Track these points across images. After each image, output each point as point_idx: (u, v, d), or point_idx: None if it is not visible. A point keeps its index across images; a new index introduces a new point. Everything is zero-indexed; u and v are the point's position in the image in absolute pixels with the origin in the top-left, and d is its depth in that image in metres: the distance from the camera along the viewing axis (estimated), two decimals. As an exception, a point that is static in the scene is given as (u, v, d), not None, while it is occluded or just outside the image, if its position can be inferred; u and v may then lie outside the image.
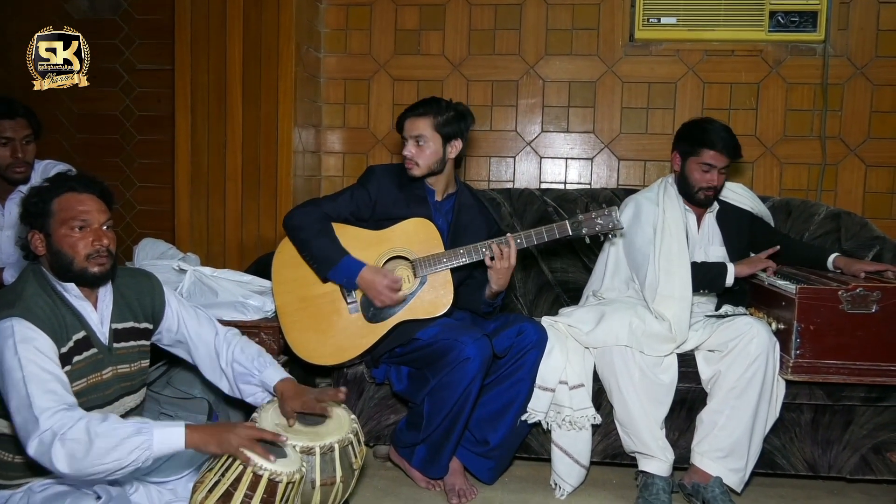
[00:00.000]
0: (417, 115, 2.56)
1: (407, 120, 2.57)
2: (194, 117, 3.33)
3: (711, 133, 2.66)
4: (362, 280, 2.46)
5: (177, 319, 2.11)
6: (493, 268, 2.47)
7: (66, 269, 1.83)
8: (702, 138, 2.67)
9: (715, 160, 2.65)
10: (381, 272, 2.47)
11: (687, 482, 2.46)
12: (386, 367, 2.60)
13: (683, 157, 2.72)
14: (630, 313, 2.52)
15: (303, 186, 3.44)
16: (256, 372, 2.11)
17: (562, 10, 3.50)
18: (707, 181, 2.67)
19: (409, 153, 2.55)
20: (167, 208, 3.68)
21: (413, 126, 2.55)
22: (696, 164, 2.68)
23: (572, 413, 2.47)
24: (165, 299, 2.09)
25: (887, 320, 2.31)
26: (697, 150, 2.67)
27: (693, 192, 2.70)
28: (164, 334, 2.12)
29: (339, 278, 2.49)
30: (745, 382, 2.37)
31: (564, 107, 3.54)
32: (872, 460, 2.52)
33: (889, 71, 3.34)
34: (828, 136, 3.39)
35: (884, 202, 3.40)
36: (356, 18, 3.62)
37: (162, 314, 2.09)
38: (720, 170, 2.67)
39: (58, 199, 1.85)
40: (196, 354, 2.15)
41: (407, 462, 2.55)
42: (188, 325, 2.13)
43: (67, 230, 1.83)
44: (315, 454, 1.91)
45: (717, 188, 2.71)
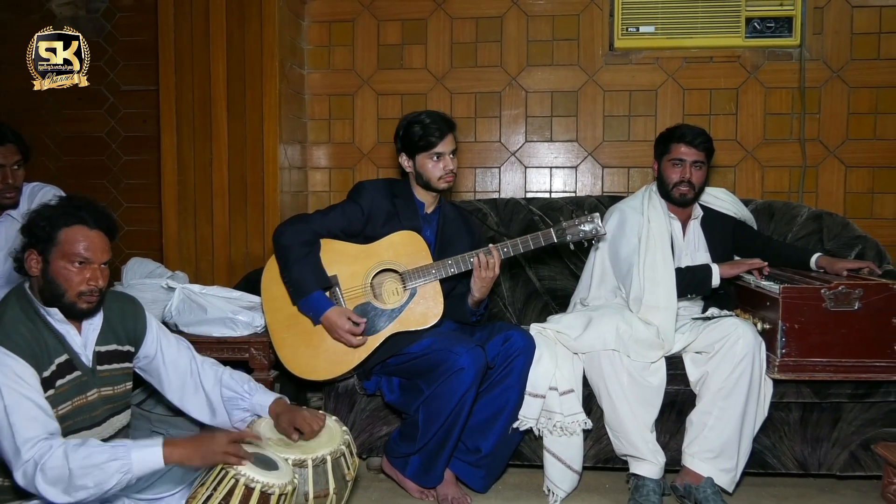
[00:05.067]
0: (452, 130, 2.60)
1: (447, 137, 2.58)
2: (180, 136, 3.35)
3: (679, 129, 2.75)
4: (326, 320, 2.48)
5: (156, 345, 2.11)
6: (477, 277, 2.50)
7: (56, 298, 1.83)
8: (670, 135, 2.75)
9: (685, 154, 2.70)
10: (344, 315, 2.48)
11: (679, 484, 2.47)
12: (377, 379, 2.61)
13: (659, 159, 2.79)
14: (617, 318, 2.54)
15: (290, 202, 3.46)
16: (247, 395, 2.12)
17: (542, 22, 3.55)
18: (680, 175, 2.71)
19: (453, 167, 2.60)
20: (155, 228, 3.69)
21: (450, 141, 2.59)
22: (668, 162, 2.73)
23: (563, 419, 2.49)
24: (147, 324, 2.10)
25: (870, 317, 2.35)
26: (668, 147, 2.74)
27: (669, 191, 2.74)
28: (141, 360, 2.12)
29: (306, 310, 2.52)
30: (732, 383, 2.40)
31: (547, 117, 3.58)
32: (862, 457, 2.55)
33: (864, 73, 3.41)
34: (807, 138, 3.44)
35: (864, 202, 3.45)
36: (339, 35, 3.66)
37: (143, 339, 2.09)
38: (692, 163, 2.70)
39: (66, 229, 1.83)
40: (167, 381, 2.14)
41: (400, 472, 2.55)
42: (165, 351, 2.12)
43: (67, 263, 1.82)
44: (308, 467, 1.92)
45: (692, 184, 2.72)
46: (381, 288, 2.60)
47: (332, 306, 2.49)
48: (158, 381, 2.16)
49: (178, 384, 2.14)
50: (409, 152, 2.62)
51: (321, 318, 2.49)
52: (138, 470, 1.67)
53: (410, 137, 2.58)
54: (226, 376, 2.15)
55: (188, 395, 2.15)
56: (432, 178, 2.58)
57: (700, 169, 2.73)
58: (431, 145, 2.56)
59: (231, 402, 2.14)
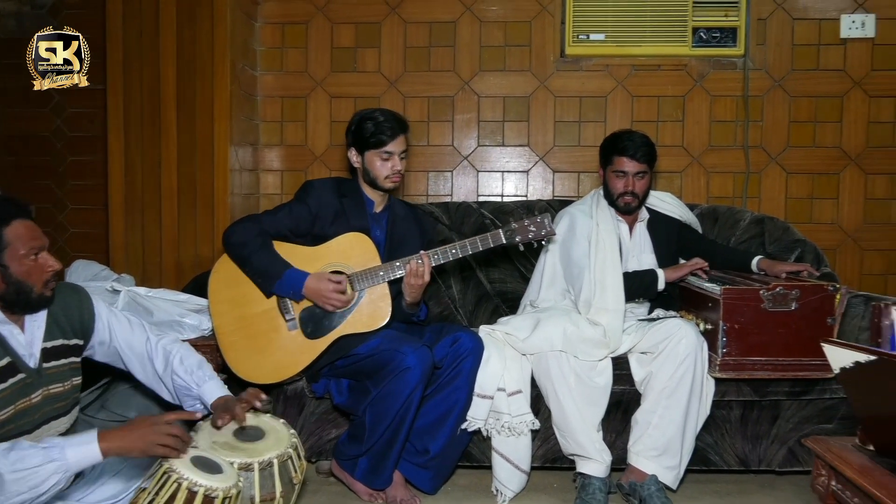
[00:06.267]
0: (404, 131, 2.61)
1: (398, 137, 2.59)
2: (128, 137, 3.29)
3: (621, 141, 2.78)
4: (308, 289, 2.47)
5: (108, 331, 2.06)
6: (406, 283, 2.52)
7: (25, 298, 1.80)
8: (613, 147, 2.80)
9: (627, 166, 2.75)
10: (324, 278, 2.48)
11: (624, 482, 2.51)
12: (326, 381, 2.60)
13: (604, 168, 2.85)
14: (565, 320, 2.58)
15: (241, 205, 3.42)
16: (195, 386, 2.08)
17: (494, 28, 3.59)
18: (623, 186, 2.76)
19: (400, 168, 2.60)
20: (101, 230, 3.62)
21: (402, 142, 2.60)
22: (612, 173, 2.79)
23: (511, 419, 2.51)
24: (95, 312, 2.04)
25: (806, 317, 2.42)
26: (611, 159, 2.79)
27: (614, 200, 2.80)
28: (97, 348, 2.07)
29: (284, 291, 2.50)
30: (675, 382, 2.45)
31: (499, 121, 3.62)
32: (799, 452, 2.62)
33: (804, 83, 3.52)
34: (750, 145, 3.54)
35: (804, 207, 3.56)
36: (292, 37, 3.64)
37: (92, 328, 2.04)
38: (634, 175, 2.76)
39: (7, 228, 1.79)
40: (130, 364, 2.11)
41: (350, 475, 2.54)
42: (119, 335, 2.08)
43: (27, 259, 1.79)
44: (254, 470, 1.90)
45: (636, 194, 2.78)
46: (330, 290, 2.60)
47: (309, 275, 2.48)
48: (124, 365, 2.12)
49: (139, 367, 2.11)
50: (359, 147, 2.62)
51: (303, 290, 2.48)
52: (76, 468, 1.63)
53: (362, 133, 2.59)
54: (176, 363, 2.09)
55: (151, 378, 2.11)
56: (379, 176, 2.59)
57: (643, 178, 2.79)
58: (382, 143, 2.57)
59: (182, 391, 2.10)
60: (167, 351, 2.11)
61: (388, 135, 2.56)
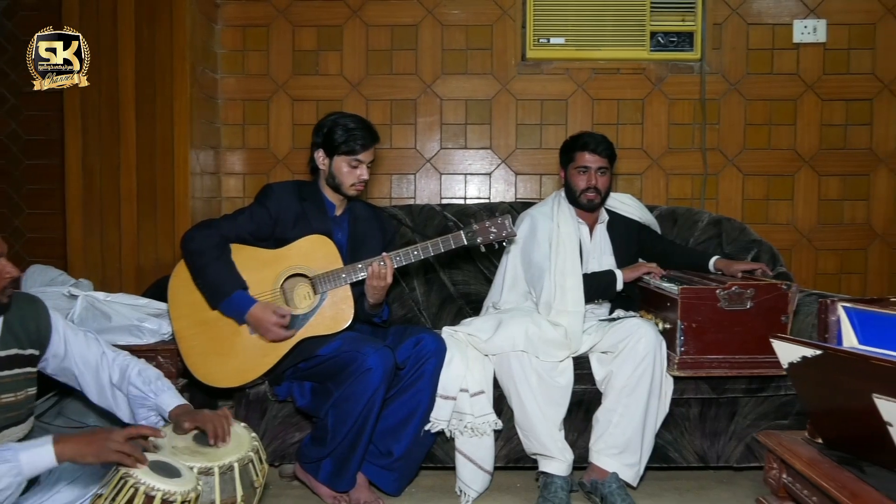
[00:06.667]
0: (376, 142, 2.62)
1: (370, 148, 2.60)
2: (86, 140, 3.25)
3: (581, 137, 2.85)
4: (251, 317, 2.46)
5: (63, 344, 2.03)
6: (368, 284, 2.53)
7: None
8: (574, 144, 2.86)
9: (589, 161, 2.80)
10: (269, 309, 2.46)
11: (586, 480, 2.54)
12: (289, 384, 2.59)
13: (565, 167, 2.88)
14: (527, 320, 2.60)
15: (202, 208, 3.39)
16: (152, 395, 2.06)
17: (456, 31, 3.61)
18: (586, 182, 2.81)
19: (366, 177, 2.61)
20: (58, 235, 3.55)
21: (371, 153, 2.61)
22: (574, 170, 2.83)
23: (474, 420, 2.53)
24: (52, 324, 2.02)
25: (761, 315, 2.48)
26: (573, 156, 2.84)
27: (577, 198, 2.84)
28: (50, 361, 2.04)
29: (229, 312, 2.49)
30: (635, 380, 2.49)
31: (462, 124, 3.64)
32: (756, 448, 2.68)
33: (759, 86, 3.61)
34: (708, 147, 3.62)
35: (760, 208, 3.64)
36: (253, 40, 3.63)
37: (48, 339, 2.01)
38: (597, 170, 2.81)
39: None
40: (82, 380, 2.08)
41: (313, 477, 2.53)
42: (74, 348, 2.05)
43: None
44: (214, 474, 1.88)
45: (598, 190, 2.83)
46: (292, 293, 2.59)
47: (256, 303, 2.46)
48: (75, 381, 2.08)
49: (93, 382, 2.07)
50: (328, 150, 2.61)
51: (246, 316, 2.46)
52: (30, 472, 1.61)
53: (334, 137, 2.58)
54: (133, 374, 2.07)
55: (106, 393, 2.08)
56: (344, 182, 2.59)
57: (605, 175, 2.83)
58: (353, 152, 2.57)
59: (137, 401, 2.07)
60: (124, 364, 2.10)
61: (362, 144, 2.57)
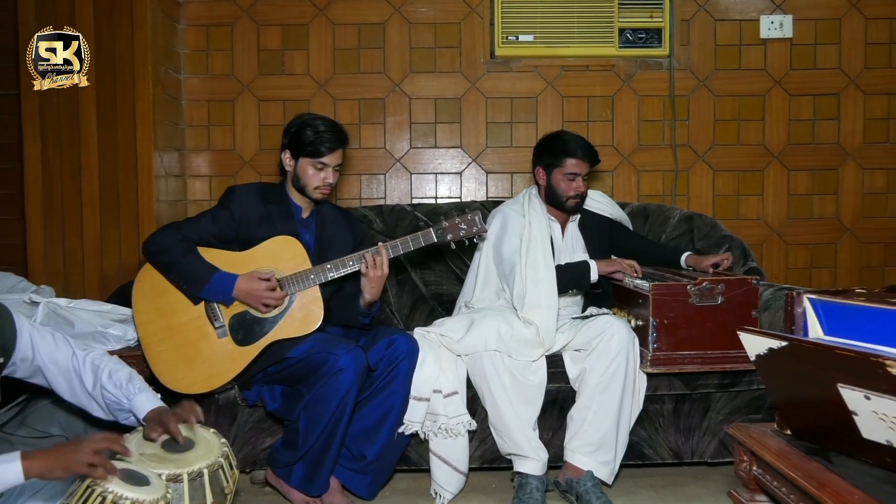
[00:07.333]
0: (343, 145, 2.57)
1: (337, 151, 2.55)
2: (45, 143, 3.15)
3: (570, 144, 2.82)
4: (239, 291, 2.41)
5: (31, 347, 1.96)
6: (367, 277, 2.48)
7: None
8: (563, 150, 2.81)
9: (578, 168, 2.79)
10: (254, 278, 2.42)
11: (561, 479, 2.53)
12: (259, 388, 2.54)
13: (548, 169, 2.85)
14: (499, 319, 2.58)
15: (167, 212, 3.32)
16: (125, 400, 2.00)
17: (424, 29, 3.58)
18: (574, 189, 2.80)
19: (332, 181, 2.56)
20: (18, 241, 3.45)
21: (339, 156, 2.57)
22: (561, 175, 2.81)
23: (448, 421, 2.50)
24: (16, 328, 1.94)
25: (732, 310, 2.48)
26: (561, 162, 2.80)
27: (563, 202, 2.83)
28: (19, 365, 1.96)
29: (213, 296, 2.43)
30: (608, 378, 2.47)
31: (431, 123, 3.61)
32: (730, 443, 2.67)
33: (727, 82, 3.62)
34: (678, 144, 3.62)
35: (731, 204, 3.66)
36: (217, 39, 3.56)
37: (14, 345, 1.93)
38: (583, 176, 2.81)
39: None
40: (54, 380, 2.00)
41: (285, 482, 2.48)
42: (43, 351, 1.97)
43: None
44: (183, 481, 1.84)
45: (583, 195, 2.85)
46: (260, 295, 2.54)
47: (238, 277, 2.41)
48: (47, 383, 2.01)
49: (65, 384, 2.00)
50: (294, 152, 2.57)
51: (233, 292, 2.41)
52: None
53: (301, 139, 2.54)
54: (104, 378, 1.99)
55: (79, 394, 2.01)
56: (308, 185, 2.55)
57: (587, 179, 2.85)
58: (319, 154, 2.52)
59: (113, 405, 2.02)
60: (95, 366, 2.02)
61: (327, 147, 2.52)
